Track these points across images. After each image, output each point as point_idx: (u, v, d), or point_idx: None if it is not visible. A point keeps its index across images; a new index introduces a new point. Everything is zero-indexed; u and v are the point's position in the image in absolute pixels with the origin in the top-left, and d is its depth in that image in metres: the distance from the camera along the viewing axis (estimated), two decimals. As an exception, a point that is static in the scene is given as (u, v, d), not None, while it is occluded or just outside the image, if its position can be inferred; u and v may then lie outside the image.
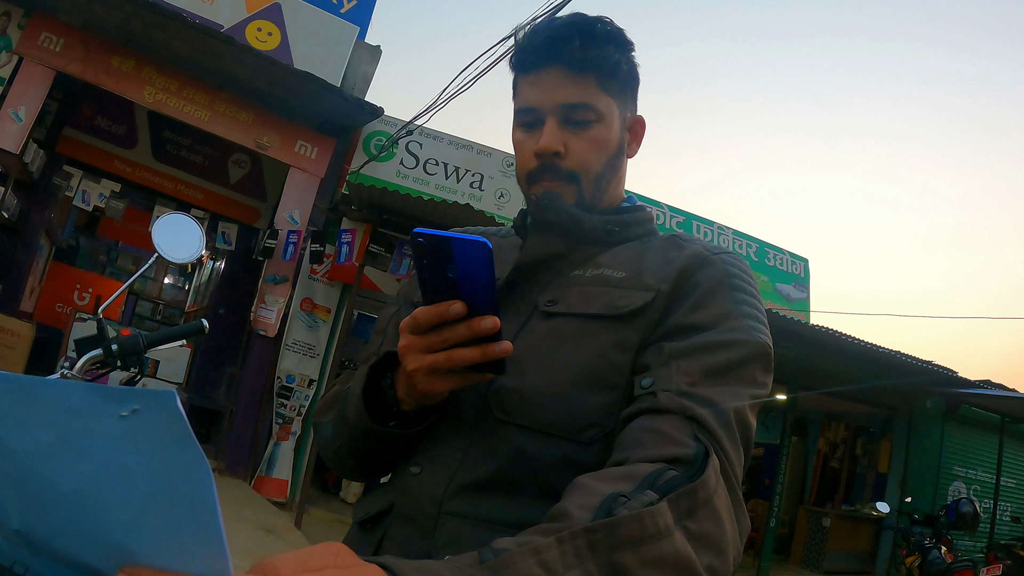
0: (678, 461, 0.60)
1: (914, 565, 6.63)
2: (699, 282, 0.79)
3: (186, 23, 5.60)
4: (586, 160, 0.87)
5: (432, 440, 0.80)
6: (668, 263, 0.82)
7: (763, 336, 0.75)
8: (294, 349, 6.67)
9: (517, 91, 0.92)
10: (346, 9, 7.01)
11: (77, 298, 9.12)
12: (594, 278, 0.84)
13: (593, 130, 0.87)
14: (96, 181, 7.01)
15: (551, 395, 0.75)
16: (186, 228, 1.73)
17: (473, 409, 0.79)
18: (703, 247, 0.85)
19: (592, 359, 0.76)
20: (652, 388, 0.69)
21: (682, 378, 0.69)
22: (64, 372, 1.48)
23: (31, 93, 5.80)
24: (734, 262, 0.84)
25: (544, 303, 0.83)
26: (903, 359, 7.74)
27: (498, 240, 1.00)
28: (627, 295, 0.80)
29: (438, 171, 7.23)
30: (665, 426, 0.64)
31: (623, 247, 0.88)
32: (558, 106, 0.86)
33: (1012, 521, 9.48)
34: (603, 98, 0.87)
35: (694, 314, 0.76)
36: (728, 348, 0.72)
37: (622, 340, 0.77)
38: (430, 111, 5.60)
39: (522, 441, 0.74)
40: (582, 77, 0.86)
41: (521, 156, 0.91)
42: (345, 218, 6.48)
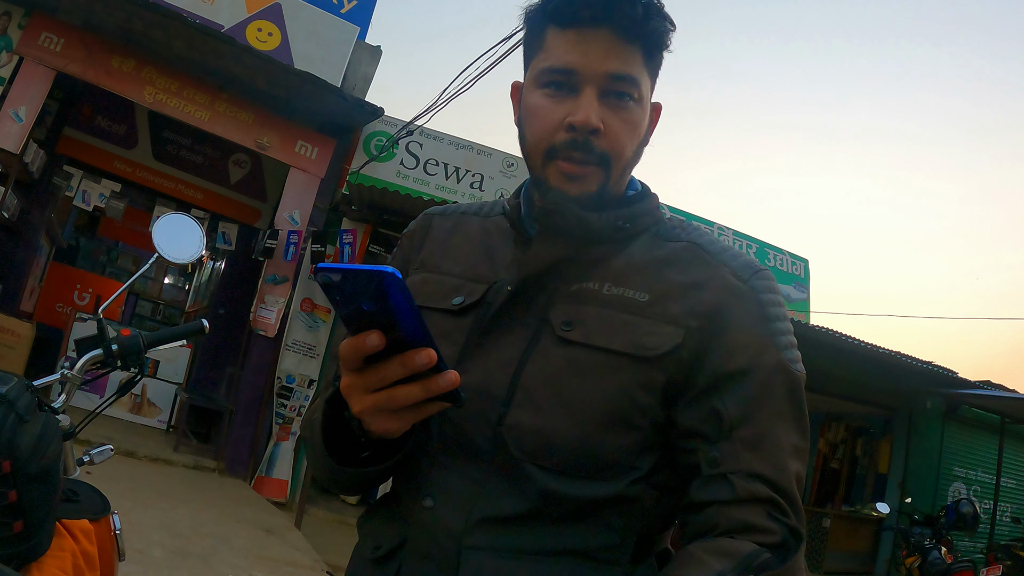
0: (766, 544, 0.67)
1: (914, 566, 6.63)
2: (735, 322, 0.74)
3: (186, 23, 5.60)
4: (621, 143, 0.77)
5: (442, 470, 0.76)
6: (695, 289, 0.76)
7: (800, 366, 0.76)
8: (294, 349, 6.67)
9: (545, 45, 0.79)
10: (346, 9, 7.01)
11: (77, 298, 9.12)
12: (614, 299, 0.76)
13: (632, 110, 0.78)
14: (96, 181, 7.02)
15: (574, 438, 0.72)
16: (186, 228, 1.73)
17: (485, 440, 0.74)
18: (731, 272, 0.77)
19: (616, 399, 0.73)
20: (722, 469, 0.70)
21: (748, 454, 0.70)
22: (64, 372, 1.48)
23: (31, 93, 5.80)
24: (766, 286, 0.78)
25: (560, 325, 0.76)
26: (903, 359, 7.74)
27: (480, 220, 0.92)
28: (653, 330, 0.74)
29: (438, 171, 7.23)
30: (748, 515, 0.68)
31: (636, 246, 0.81)
32: (603, 75, 0.76)
33: (1012, 522, 9.48)
34: (645, 75, 0.79)
35: (735, 359, 0.73)
36: (777, 395, 0.73)
37: (648, 381, 0.73)
38: (430, 111, 5.61)
39: (546, 481, 0.72)
40: (631, 48, 0.76)
41: (543, 124, 0.78)
42: (345, 218, 6.48)
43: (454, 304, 0.82)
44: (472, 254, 0.87)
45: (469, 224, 0.92)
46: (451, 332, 0.81)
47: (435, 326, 0.80)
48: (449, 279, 0.86)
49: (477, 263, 0.86)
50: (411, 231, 0.96)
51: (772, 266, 10.02)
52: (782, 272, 10.09)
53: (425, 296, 0.85)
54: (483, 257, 0.86)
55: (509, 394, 0.75)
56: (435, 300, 0.84)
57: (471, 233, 0.90)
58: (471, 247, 0.88)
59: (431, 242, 0.92)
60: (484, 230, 0.90)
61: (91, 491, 1.46)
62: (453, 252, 0.89)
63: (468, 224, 0.92)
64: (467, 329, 0.80)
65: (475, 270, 0.85)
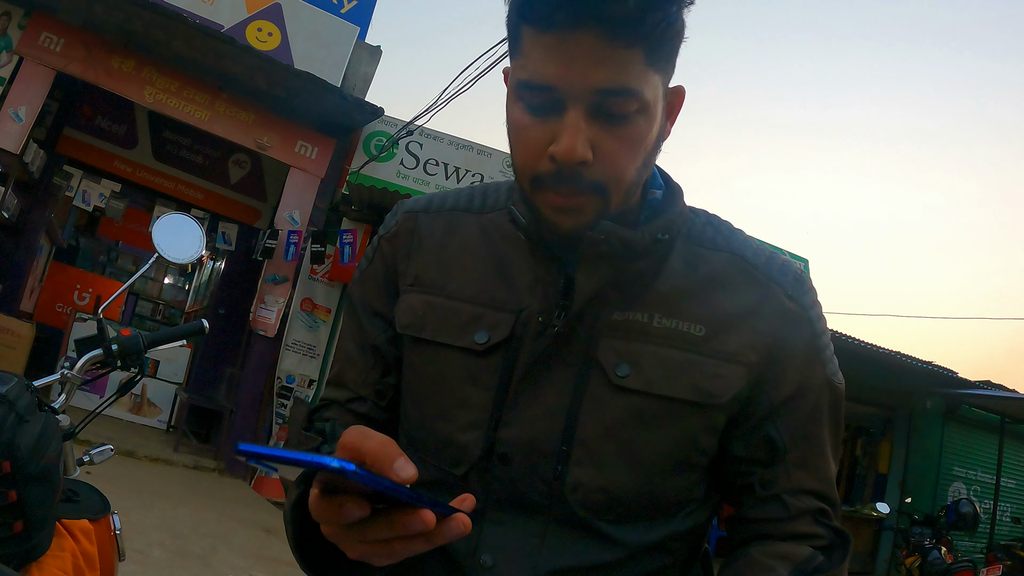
0: (818, 548, 0.70)
1: (914, 566, 6.63)
2: (790, 350, 0.72)
3: (186, 23, 5.60)
4: (619, 167, 0.65)
5: (496, 525, 0.71)
6: (751, 317, 0.71)
7: (840, 376, 0.77)
8: (294, 349, 6.67)
9: (523, 50, 0.65)
10: (346, 9, 7.01)
11: (77, 298, 9.12)
12: (668, 334, 0.70)
13: (632, 125, 0.64)
14: (96, 181, 7.02)
15: (637, 489, 0.70)
16: (186, 228, 1.73)
17: (541, 496, 0.70)
18: (783, 292, 0.73)
19: (680, 445, 0.70)
20: (775, 491, 0.72)
21: (799, 473, 0.72)
22: (64, 372, 1.48)
23: (31, 93, 5.80)
24: (813, 300, 0.75)
25: (612, 368, 0.69)
26: (903, 359, 7.74)
27: (476, 219, 0.79)
28: (716, 372, 0.69)
29: (438, 171, 7.23)
30: (799, 526, 0.71)
31: (675, 260, 0.73)
32: (590, 91, 0.62)
33: (1012, 522, 9.48)
34: (649, 77, 0.64)
35: (788, 385, 0.72)
36: (823, 411, 0.74)
37: (712, 424, 0.71)
38: (430, 111, 5.61)
39: (609, 530, 0.70)
40: (626, 50, 0.61)
41: (525, 149, 0.67)
42: (345, 218, 6.48)
43: (478, 342, 0.72)
44: (482, 270, 0.75)
45: (464, 225, 0.79)
46: (478, 375, 0.72)
47: (455, 367, 0.73)
48: (462, 306, 0.74)
49: (492, 284, 0.74)
50: (392, 233, 0.82)
51: (772, 266, 10.01)
52: (782, 272, 10.08)
53: (434, 328, 0.75)
54: (496, 275, 0.75)
55: (564, 449, 0.69)
56: (450, 335, 0.74)
57: (470, 239, 0.78)
58: (477, 260, 0.76)
59: (422, 250, 0.79)
60: (485, 234, 0.78)
61: (91, 491, 1.46)
62: (456, 266, 0.77)
63: (463, 225, 0.79)
64: (498, 370, 0.71)
65: (492, 294, 0.74)
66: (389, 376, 0.80)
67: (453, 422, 0.73)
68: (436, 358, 0.75)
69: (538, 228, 0.71)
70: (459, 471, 0.72)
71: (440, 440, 0.74)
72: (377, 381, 0.80)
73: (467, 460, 0.72)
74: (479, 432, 0.71)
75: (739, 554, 0.72)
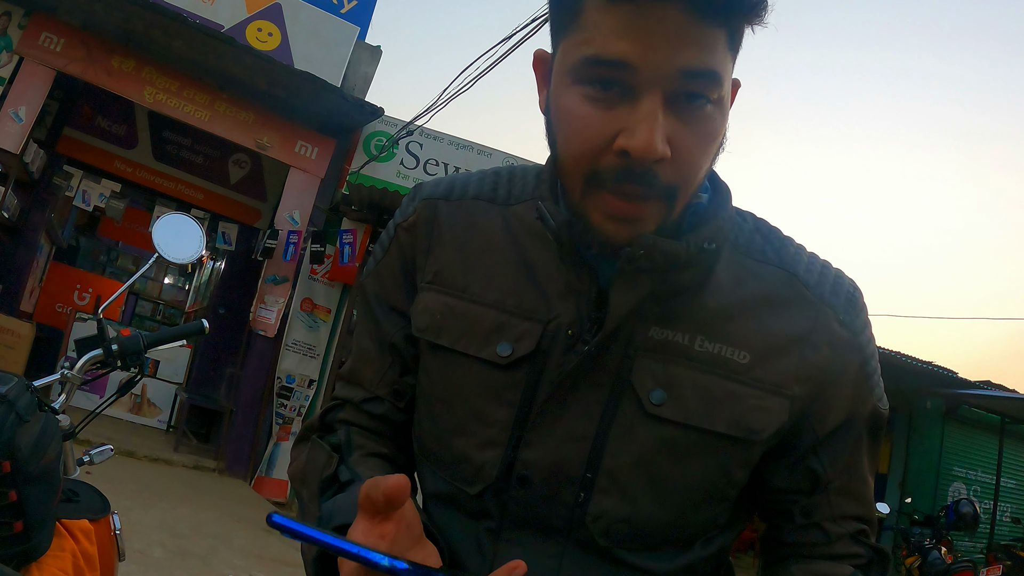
0: (858, 567, 0.70)
1: (914, 566, 6.63)
2: (838, 380, 0.67)
3: (186, 23, 5.60)
4: (696, 168, 0.59)
5: (512, 545, 0.67)
6: (800, 345, 0.66)
7: (886, 401, 0.73)
8: (294, 349, 6.67)
9: (586, 23, 0.56)
10: (346, 9, 7.01)
11: (77, 298, 9.12)
12: (709, 359, 0.64)
13: (709, 118, 0.58)
14: (96, 181, 7.02)
15: (665, 521, 0.66)
16: (186, 228, 1.73)
17: (560, 520, 0.66)
18: (835, 317, 0.67)
19: (713, 479, 0.66)
20: (816, 519, 0.70)
21: (841, 500, 0.70)
22: (64, 372, 1.48)
23: (31, 93, 5.80)
24: (864, 323, 0.70)
25: (647, 395, 0.63)
26: (903, 359, 7.74)
27: (501, 211, 0.72)
28: (760, 405, 0.64)
29: (438, 171, 7.22)
30: (838, 548, 0.70)
31: (721, 272, 0.66)
32: (676, 72, 0.54)
33: (1012, 522, 9.48)
34: (728, 64, 0.57)
35: (834, 417, 0.68)
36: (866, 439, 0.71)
37: (748, 459, 0.66)
38: (430, 111, 5.61)
39: (631, 559, 0.67)
40: (710, 26, 0.54)
41: (582, 141, 0.58)
42: (345, 218, 6.48)
43: (501, 355, 0.66)
44: (506, 272, 0.69)
45: (488, 218, 0.72)
46: (500, 390, 0.67)
47: (475, 379, 0.68)
48: (484, 312, 0.68)
49: (517, 288, 0.68)
50: (410, 223, 0.75)
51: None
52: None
53: (454, 335, 0.69)
54: (523, 278, 0.68)
55: (589, 477, 0.65)
56: (470, 344, 0.68)
57: (494, 234, 0.71)
58: (502, 259, 0.70)
59: (442, 243, 0.72)
60: (509, 230, 0.71)
61: (91, 491, 1.46)
62: (478, 264, 0.70)
63: (487, 218, 0.72)
64: (521, 386, 0.66)
65: (517, 299, 0.68)
66: (408, 375, 0.75)
67: (470, 438, 0.68)
68: (454, 367, 0.69)
69: (578, 233, 0.63)
70: (473, 490, 0.68)
71: (455, 456, 0.70)
72: (395, 381, 0.75)
73: (483, 480, 0.68)
74: (498, 451, 0.67)
75: (779, 571, 0.71)
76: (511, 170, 0.76)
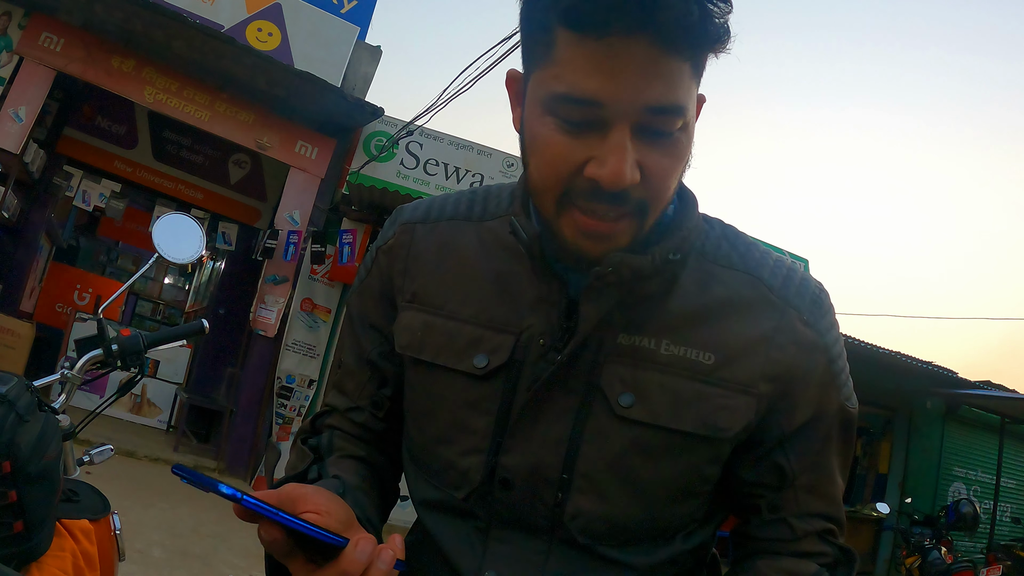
0: (824, 565, 0.72)
1: (914, 566, 6.63)
2: (804, 379, 0.69)
3: (186, 23, 5.60)
4: (664, 186, 0.61)
5: (499, 543, 0.71)
6: (764, 345, 0.68)
7: (855, 400, 0.75)
8: (294, 349, 6.67)
9: (556, 55, 0.58)
10: (346, 9, 7.01)
11: (77, 298, 9.12)
12: (675, 362, 0.67)
13: (676, 143, 0.60)
14: (96, 181, 7.02)
15: (640, 518, 0.69)
16: (186, 228, 1.73)
17: (543, 519, 0.69)
18: (799, 317, 0.69)
19: (684, 476, 0.69)
20: (783, 515, 0.72)
21: (807, 497, 0.72)
22: (64, 372, 1.48)
23: (31, 93, 5.80)
24: (830, 323, 0.72)
25: (616, 398, 0.66)
26: (903, 359, 7.74)
27: (475, 228, 0.76)
28: (726, 404, 0.66)
29: (438, 171, 7.23)
30: (805, 546, 0.72)
31: (686, 279, 0.69)
32: (642, 109, 0.57)
33: (1012, 522, 9.48)
34: (693, 91, 0.60)
35: (800, 414, 0.70)
36: (835, 437, 0.73)
37: (717, 455, 0.69)
38: (430, 111, 5.61)
39: (611, 554, 0.70)
40: (676, 60, 0.56)
41: (558, 169, 0.60)
42: (345, 218, 6.48)
43: (478, 366, 0.70)
44: (481, 288, 0.72)
45: (463, 236, 0.76)
46: (478, 400, 0.71)
47: (454, 391, 0.72)
48: (461, 327, 0.72)
49: (493, 304, 0.71)
50: (389, 246, 0.79)
51: (772, 266, 9.98)
52: (782, 272, 10.06)
53: (434, 350, 0.73)
54: (497, 294, 0.72)
55: (565, 478, 0.68)
56: (450, 358, 0.72)
57: (469, 252, 0.74)
58: (476, 276, 0.73)
59: (420, 264, 0.76)
60: (484, 245, 0.74)
61: (91, 491, 1.46)
62: (454, 283, 0.74)
63: (461, 237, 0.76)
64: (498, 395, 0.70)
65: (492, 314, 0.71)
66: (385, 388, 0.81)
67: (454, 446, 0.72)
68: (436, 380, 0.73)
69: (549, 246, 0.67)
70: (460, 494, 0.72)
71: (441, 463, 0.74)
72: (373, 393, 0.81)
73: (468, 484, 0.71)
74: (480, 457, 0.71)
75: (746, 567, 0.73)
76: (487, 189, 0.80)
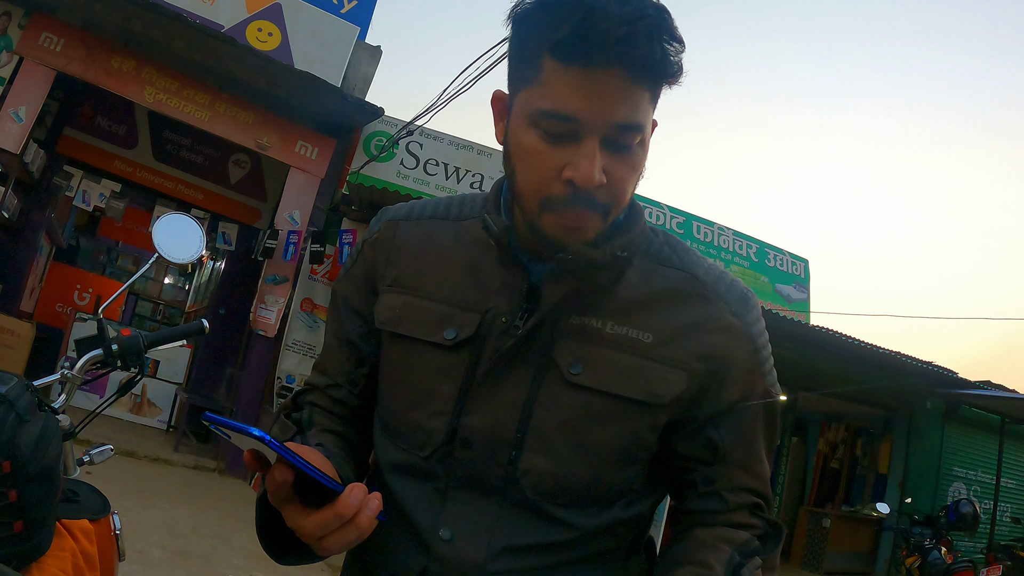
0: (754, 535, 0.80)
1: (914, 566, 6.63)
2: (732, 361, 0.80)
3: (186, 23, 5.60)
4: (624, 190, 0.74)
5: (456, 504, 0.79)
6: (697, 330, 0.79)
7: (778, 386, 0.85)
8: (294, 349, 6.67)
9: (543, 78, 0.70)
10: (346, 9, 7.01)
11: (77, 298, 9.12)
12: (619, 340, 0.77)
13: (634, 155, 0.73)
14: (96, 181, 7.02)
15: (587, 478, 0.78)
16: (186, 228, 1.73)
17: (498, 479, 0.78)
18: (728, 309, 0.80)
19: (626, 440, 0.78)
20: (716, 488, 0.81)
21: (738, 472, 0.81)
22: (64, 372, 1.48)
23: (31, 93, 5.80)
24: (756, 317, 0.82)
25: (567, 367, 0.76)
26: (903, 360, 7.74)
27: (452, 226, 0.87)
28: (662, 376, 0.77)
29: (438, 171, 7.23)
30: (737, 517, 0.81)
31: (632, 274, 0.80)
32: (610, 126, 0.69)
33: (1012, 522, 9.48)
34: (650, 114, 0.73)
35: (730, 394, 0.80)
36: (761, 418, 0.83)
37: (655, 423, 0.78)
38: (430, 111, 5.61)
39: (559, 514, 0.78)
40: (640, 88, 0.69)
41: (539, 173, 0.72)
42: (345, 218, 6.48)
43: (447, 339, 0.80)
44: (455, 274, 0.83)
45: (441, 233, 0.87)
46: (447, 369, 0.80)
47: (426, 360, 0.82)
48: (435, 306, 0.82)
49: (464, 287, 0.82)
50: (374, 239, 0.90)
51: (772, 267, 10.01)
52: (782, 272, 10.08)
53: (411, 325, 0.83)
54: (468, 279, 0.83)
55: (519, 438, 0.77)
56: (423, 331, 0.82)
57: (446, 245, 0.86)
58: (452, 265, 0.84)
59: (402, 254, 0.87)
60: (459, 241, 0.85)
61: (91, 491, 1.46)
62: (432, 270, 0.85)
63: (440, 233, 0.87)
64: (464, 365, 0.79)
65: (462, 295, 0.82)
66: (363, 367, 0.90)
67: (423, 410, 0.81)
68: (411, 352, 0.83)
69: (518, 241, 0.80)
70: (424, 453, 0.80)
71: (410, 426, 0.82)
72: (351, 371, 0.90)
73: (432, 444, 0.80)
74: (445, 419, 0.79)
75: (684, 535, 0.82)
76: (462, 196, 0.92)
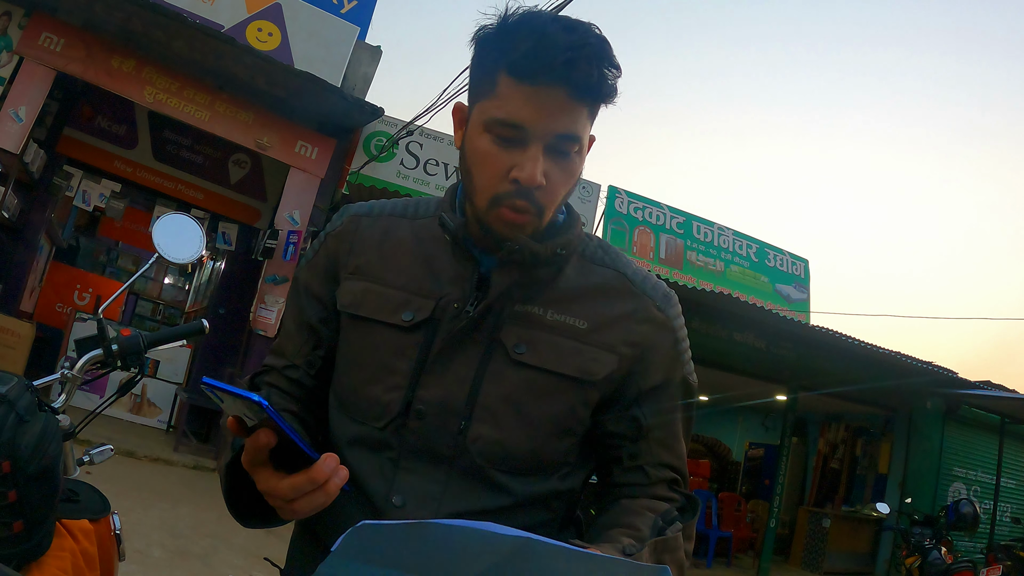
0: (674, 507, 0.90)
1: (914, 566, 6.62)
2: (656, 349, 0.91)
3: (186, 23, 5.60)
4: (558, 194, 0.84)
5: (408, 473, 0.86)
6: (626, 320, 0.90)
7: (695, 375, 0.97)
8: (294, 349, 6.67)
9: (497, 91, 0.81)
10: (346, 9, 7.01)
11: (77, 298, 9.13)
12: (559, 326, 0.88)
13: (571, 163, 0.84)
14: (96, 181, 7.03)
15: (528, 447, 0.87)
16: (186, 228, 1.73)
17: (448, 448, 0.86)
18: (653, 303, 0.92)
19: (563, 414, 0.88)
20: (639, 463, 0.92)
21: (659, 449, 0.93)
22: (64, 372, 1.48)
23: (31, 93, 5.80)
24: (677, 313, 0.95)
25: (512, 347, 0.86)
26: (903, 360, 7.74)
27: (410, 224, 0.96)
28: (596, 357, 0.88)
29: (438, 171, 7.23)
30: (658, 491, 0.92)
31: (569, 270, 0.91)
32: (552, 135, 0.80)
33: (1012, 522, 9.48)
34: (588, 128, 0.84)
35: (653, 377, 0.92)
36: (679, 400, 0.94)
37: (588, 399, 0.89)
38: (430, 111, 5.62)
39: (502, 481, 0.87)
40: (579, 105, 0.81)
41: (490, 173, 0.83)
42: (345, 218, 6.47)
43: (405, 320, 0.89)
44: (412, 265, 0.92)
45: (400, 229, 0.96)
46: (404, 348, 0.89)
47: (384, 340, 0.90)
48: (394, 292, 0.91)
49: (420, 276, 0.91)
50: (337, 232, 0.98)
51: (772, 267, 10.01)
52: (782, 272, 10.08)
53: (371, 308, 0.91)
54: (424, 269, 0.91)
55: (469, 409, 0.86)
56: (383, 313, 0.90)
57: (404, 240, 0.94)
58: (409, 257, 0.93)
59: (363, 246, 0.95)
60: (417, 236, 0.94)
61: (91, 491, 1.46)
62: (391, 261, 0.93)
63: (399, 229, 0.96)
64: (419, 344, 0.88)
65: (419, 283, 0.91)
66: (319, 349, 0.98)
67: (380, 385, 0.89)
68: (370, 332, 0.91)
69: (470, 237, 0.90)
70: (379, 424, 0.88)
71: (367, 400, 0.90)
72: (309, 353, 0.98)
73: (388, 415, 0.88)
74: (400, 392, 0.88)
75: (612, 506, 0.91)
76: (418, 199, 1.01)
